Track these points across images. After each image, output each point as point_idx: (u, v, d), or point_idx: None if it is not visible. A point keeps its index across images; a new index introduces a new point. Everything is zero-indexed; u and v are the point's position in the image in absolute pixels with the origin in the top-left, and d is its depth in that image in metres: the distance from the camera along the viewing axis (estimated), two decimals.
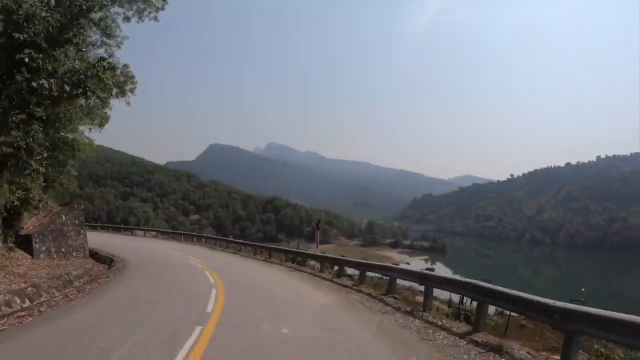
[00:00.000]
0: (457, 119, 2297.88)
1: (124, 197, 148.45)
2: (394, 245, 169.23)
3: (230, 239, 41.36)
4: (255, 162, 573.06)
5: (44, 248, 16.67)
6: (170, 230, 61.67)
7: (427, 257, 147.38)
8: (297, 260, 25.44)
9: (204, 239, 41.28)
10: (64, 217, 18.67)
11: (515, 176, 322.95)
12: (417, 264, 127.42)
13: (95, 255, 22.64)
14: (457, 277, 18.60)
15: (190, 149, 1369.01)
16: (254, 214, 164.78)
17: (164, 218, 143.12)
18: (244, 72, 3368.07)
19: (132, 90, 16.57)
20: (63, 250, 18.08)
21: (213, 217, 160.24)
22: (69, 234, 18.80)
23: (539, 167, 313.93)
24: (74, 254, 18.96)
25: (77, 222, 19.77)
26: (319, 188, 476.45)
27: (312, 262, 24.31)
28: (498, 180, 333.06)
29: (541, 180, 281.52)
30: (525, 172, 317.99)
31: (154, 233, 47.96)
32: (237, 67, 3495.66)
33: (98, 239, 30.21)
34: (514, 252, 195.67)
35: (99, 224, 59.62)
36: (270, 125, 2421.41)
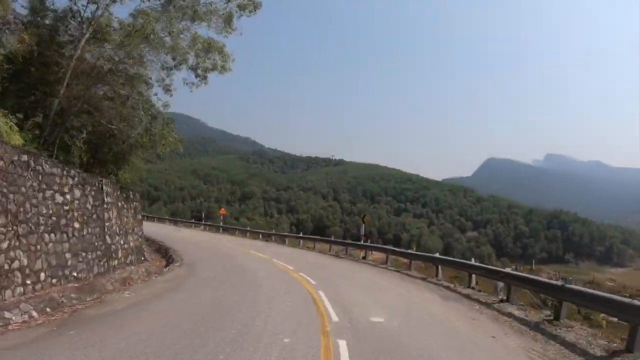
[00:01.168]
0: None
1: (397, 213, 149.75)
2: None
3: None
4: (533, 174, 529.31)
5: None
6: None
7: None
8: None
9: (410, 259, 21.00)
10: None
11: None
12: None
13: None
14: None
15: (467, 165, 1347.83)
16: (538, 229, 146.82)
17: (439, 234, 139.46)
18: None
19: None
20: None
21: (492, 233, 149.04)
22: None
23: None
24: None
25: None
26: (605, 201, 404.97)
27: None
28: None
29: None
30: None
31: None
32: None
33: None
34: None
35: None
36: (548, 136, 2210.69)
